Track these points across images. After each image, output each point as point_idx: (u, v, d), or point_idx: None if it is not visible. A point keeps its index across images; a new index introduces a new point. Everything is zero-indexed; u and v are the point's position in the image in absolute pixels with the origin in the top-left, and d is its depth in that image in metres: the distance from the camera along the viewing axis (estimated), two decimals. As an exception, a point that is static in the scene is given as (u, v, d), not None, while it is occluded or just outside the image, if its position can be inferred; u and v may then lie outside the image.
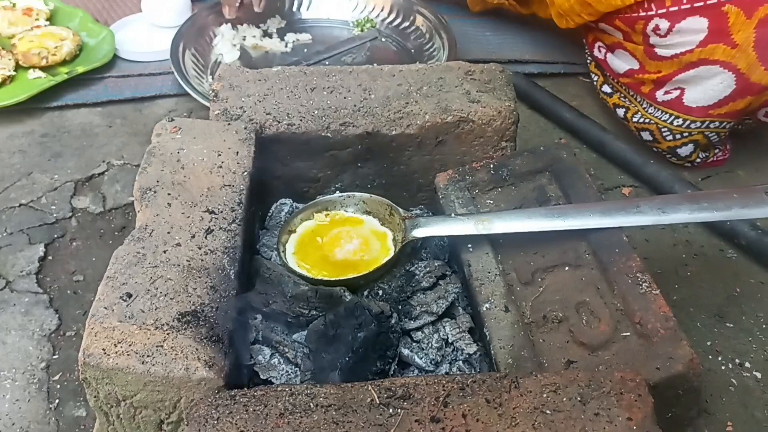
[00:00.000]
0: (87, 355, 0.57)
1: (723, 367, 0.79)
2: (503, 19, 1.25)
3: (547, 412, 0.53)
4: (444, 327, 0.70)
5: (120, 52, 1.24)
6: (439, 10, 1.25)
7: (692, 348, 0.61)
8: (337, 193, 0.82)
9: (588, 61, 1.15)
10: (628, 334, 0.64)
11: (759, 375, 0.79)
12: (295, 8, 1.34)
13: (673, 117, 1.00)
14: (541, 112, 1.13)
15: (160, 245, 0.65)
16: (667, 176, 0.98)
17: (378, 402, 0.54)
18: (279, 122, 0.80)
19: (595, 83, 1.13)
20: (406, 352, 0.68)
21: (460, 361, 0.68)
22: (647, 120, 1.03)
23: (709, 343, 0.82)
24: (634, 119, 1.05)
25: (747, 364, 0.80)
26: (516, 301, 0.68)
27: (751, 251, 0.91)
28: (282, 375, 0.67)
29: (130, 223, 0.68)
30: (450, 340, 0.69)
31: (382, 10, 1.31)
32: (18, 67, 1.18)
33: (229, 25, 1.26)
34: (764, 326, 0.84)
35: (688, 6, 0.91)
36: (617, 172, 1.04)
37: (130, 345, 0.57)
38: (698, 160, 1.03)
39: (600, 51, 1.09)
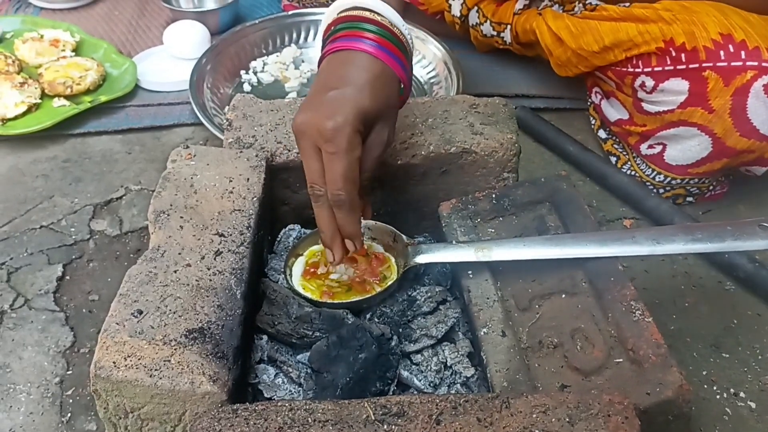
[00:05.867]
0: (98, 367, 0.60)
1: (718, 397, 0.80)
2: (511, 56, 1.29)
3: (536, 431, 0.55)
4: (443, 350, 0.72)
5: (141, 82, 1.29)
6: (450, 46, 1.29)
7: (682, 374, 0.62)
8: (344, 220, 0.84)
9: (588, 104, 1.18)
10: (621, 360, 0.66)
11: (753, 405, 0.79)
12: (309, 39, 1.39)
13: (655, 173, 1.03)
14: (546, 145, 1.16)
15: (171, 265, 0.68)
16: (668, 209, 1.00)
17: (373, 418, 0.56)
18: (289, 150, 0.83)
19: (592, 126, 1.17)
20: (405, 374, 0.70)
21: (459, 384, 0.70)
22: (634, 173, 1.06)
23: (704, 373, 0.83)
24: (623, 169, 1.08)
25: (742, 394, 0.81)
26: (513, 326, 0.70)
27: (749, 284, 0.92)
28: (285, 394, 0.69)
29: (145, 245, 0.71)
30: (449, 364, 0.71)
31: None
32: (44, 95, 1.23)
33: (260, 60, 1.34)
34: (760, 357, 0.85)
35: (672, 68, 0.95)
36: (619, 204, 1.06)
37: (139, 359, 0.60)
38: (685, 203, 1.06)
39: (596, 96, 1.13)
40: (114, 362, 0.60)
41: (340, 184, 0.67)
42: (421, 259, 0.76)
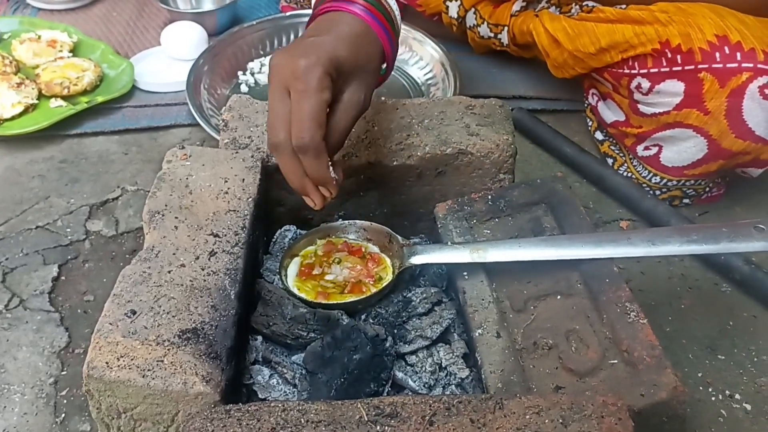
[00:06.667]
0: (91, 367, 0.60)
1: (713, 399, 0.80)
2: (508, 58, 1.29)
3: (529, 432, 0.55)
4: (438, 352, 0.72)
5: (139, 83, 1.29)
6: (447, 47, 1.29)
7: (677, 376, 0.62)
8: (339, 221, 0.85)
9: (585, 105, 1.19)
10: (616, 361, 0.65)
11: (749, 407, 0.79)
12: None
13: (652, 174, 1.03)
14: (543, 147, 1.16)
15: (165, 266, 0.68)
16: (664, 211, 1.00)
17: (366, 419, 0.56)
18: (285, 152, 0.83)
19: (589, 128, 1.17)
20: (400, 375, 0.70)
21: (453, 386, 0.70)
22: (631, 175, 1.06)
23: (700, 375, 0.83)
24: (620, 170, 1.08)
25: (737, 396, 0.81)
26: (508, 327, 0.70)
27: (745, 286, 0.92)
28: (280, 395, 0.69)
29: (141, 246, 0.71)
30: (443, 365, 0.71)
31: (392, 45, 1.35)
32: (41, 95, 1.23)
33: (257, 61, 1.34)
34: (756, 359, 0.85)
35: (668, 69, 0.95)
36: (616, 206, 1.06)
37: (132, 359, 0.60)
38: (682, 205, 1.06)
39: (593, 98, 1.13)
40: (107, 362, 0.60)
41: (306, 124, 0.65)
42: (417, 260, 0.76)
